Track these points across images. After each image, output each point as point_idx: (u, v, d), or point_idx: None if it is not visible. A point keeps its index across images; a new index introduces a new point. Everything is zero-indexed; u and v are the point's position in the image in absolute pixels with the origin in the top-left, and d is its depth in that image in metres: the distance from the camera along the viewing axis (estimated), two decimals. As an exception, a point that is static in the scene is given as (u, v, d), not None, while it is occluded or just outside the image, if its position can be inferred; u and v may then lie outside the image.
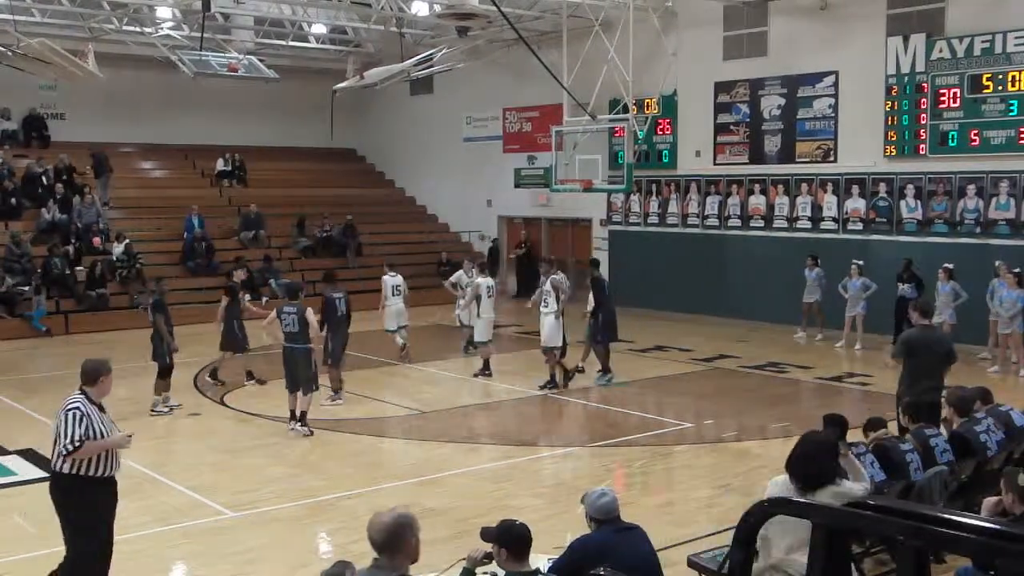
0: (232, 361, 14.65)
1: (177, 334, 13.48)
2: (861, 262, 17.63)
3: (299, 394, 11.87)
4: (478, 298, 15.37)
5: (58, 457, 6.55)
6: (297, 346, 11.90)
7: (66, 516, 6.68)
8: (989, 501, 6.43)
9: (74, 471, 6.55)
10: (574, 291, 16.13)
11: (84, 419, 6.50)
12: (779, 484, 5.85)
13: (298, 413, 11.88)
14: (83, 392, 6.66)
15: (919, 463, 7.45)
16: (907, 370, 9.50)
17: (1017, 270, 15.50)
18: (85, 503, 6.67)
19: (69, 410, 6.52)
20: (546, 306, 14.28)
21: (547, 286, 14.36)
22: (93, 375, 6.71)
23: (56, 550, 8.11)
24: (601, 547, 5.38)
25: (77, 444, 6.45)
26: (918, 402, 8.67)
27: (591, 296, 14.92)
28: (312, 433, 11.84)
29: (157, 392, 13.11)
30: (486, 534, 5.23)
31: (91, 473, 6.61)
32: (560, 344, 14.29)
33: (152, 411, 12.97)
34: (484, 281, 15.55)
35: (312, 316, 11.90)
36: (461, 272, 17.25)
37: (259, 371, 14.69)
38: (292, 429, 11.89)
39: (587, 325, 15.09)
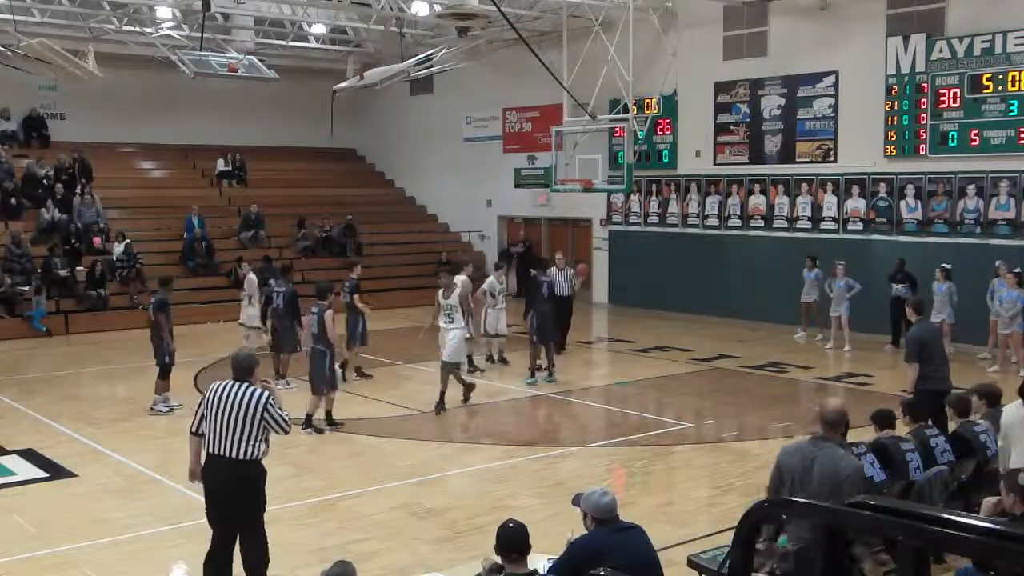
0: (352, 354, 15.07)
1: (177, 334, 13.48)
2: (843, 262, 17.64)
3: (322, 397, 12.00)
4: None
5: (254, 448, 6.66)
6: (316, 347, 12.02)
7: (261, 500, 6.85)
8: (988, 501, 6.44)
9: (261, 455, 6.74)
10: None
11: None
12: (1012, 409, 7.12)
13: (311, 413, 11.89)
14: (248, 382, 6.79)
15: (919, 462, 7.45)
16: (925, 367, 9.59)
17: (1017, 270, 15.50)
18: (264, 482, 6.90)
19: (264, 395, 6.69)
20: (451, 321, 12.95)
21: (452, 299, 13.02)
22: (249, 369, 6.86)
23: (57, 550, 8.16)
24: (601, 547, 5.37)
25: (290, 421, 6.85)
26: (920, 401, 8.68)
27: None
28: (342, 424, 12.07)
29: (158, 391, 13.12)
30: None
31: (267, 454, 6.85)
32: (464, 361, 13.35)
33: (152, 410, 12.97)
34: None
35: (329, 317, 11.86)
36: (492, 279, 16.42)
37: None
38: (324, 430, 11.98)
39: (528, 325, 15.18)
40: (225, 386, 6.81)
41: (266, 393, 6.74)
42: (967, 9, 17.28)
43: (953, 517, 4.29)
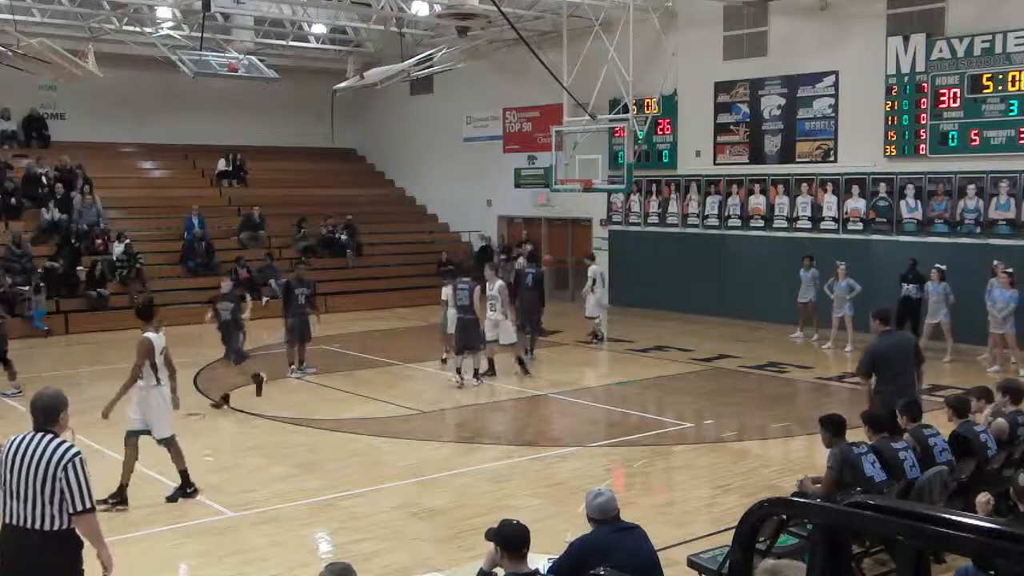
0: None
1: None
2: (844, 264, 17.63)
3: (474, 354, 14.56)
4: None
5: (62, 516, 5.37)
6: (468, 316, 14.40)
7: None
8: (981, 499, 6.46)
9: (70, 525, 5.43)
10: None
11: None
12: None
13: (480, 369, 14.74)
14: (52, 432, 5.52)
15: (913, 460, 7.45)
16: (879, 378, 9.45)
17: (1010, 270, 15.50)
18: (80, 557, 5.54)
19: (76, 456, 5.41)
20: (156, 383, 9.65)
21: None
22: (52, 413, 5.57)
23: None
24: (601, 547, 5.38)
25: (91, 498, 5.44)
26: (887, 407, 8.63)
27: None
28: (493, 374, 14.96)
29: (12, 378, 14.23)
30: (488, 533, 5.25)
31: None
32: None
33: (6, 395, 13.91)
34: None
35: (478, 293, 14.45)
36: (501, 283, 15.37)
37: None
38: (459, 385, 14.35)
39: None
40: (23, 438, 5.47)
41: (73, 449, 5.41)
42: (967, 9, 17.27)
43: (953, 517, 4.29)
